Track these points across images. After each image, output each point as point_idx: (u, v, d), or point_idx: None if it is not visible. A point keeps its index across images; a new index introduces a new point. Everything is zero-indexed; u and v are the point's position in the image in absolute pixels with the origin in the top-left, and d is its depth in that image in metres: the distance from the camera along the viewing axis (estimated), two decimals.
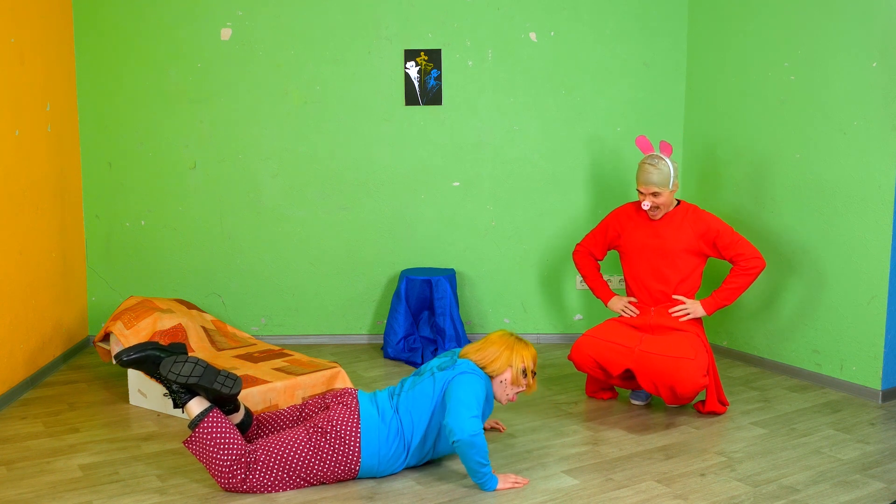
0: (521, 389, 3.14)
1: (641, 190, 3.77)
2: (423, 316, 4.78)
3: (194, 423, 2.84)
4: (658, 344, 3.63)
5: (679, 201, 3.89)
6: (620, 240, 3.98)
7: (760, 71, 4.43)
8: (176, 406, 2.90)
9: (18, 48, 3.98)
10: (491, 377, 3.09)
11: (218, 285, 5.01)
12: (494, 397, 3.13)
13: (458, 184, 4.97)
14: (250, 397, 3.54)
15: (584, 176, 4.97)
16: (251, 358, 4.08)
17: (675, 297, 3.82)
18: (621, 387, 3.90)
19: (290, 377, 3.73)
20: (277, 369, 3.86)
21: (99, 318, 4.98)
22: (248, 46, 4.84)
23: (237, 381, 2.92)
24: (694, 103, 4.89)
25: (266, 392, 3.60)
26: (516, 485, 2.94)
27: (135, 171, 4.91)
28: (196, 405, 2.89)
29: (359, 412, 2.95)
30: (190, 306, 4.52)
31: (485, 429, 3.51)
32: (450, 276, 4.73)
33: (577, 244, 4.17)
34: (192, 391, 2.90)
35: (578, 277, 5.04)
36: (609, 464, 3.17)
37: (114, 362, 2.98)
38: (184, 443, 2.88)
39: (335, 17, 4.84)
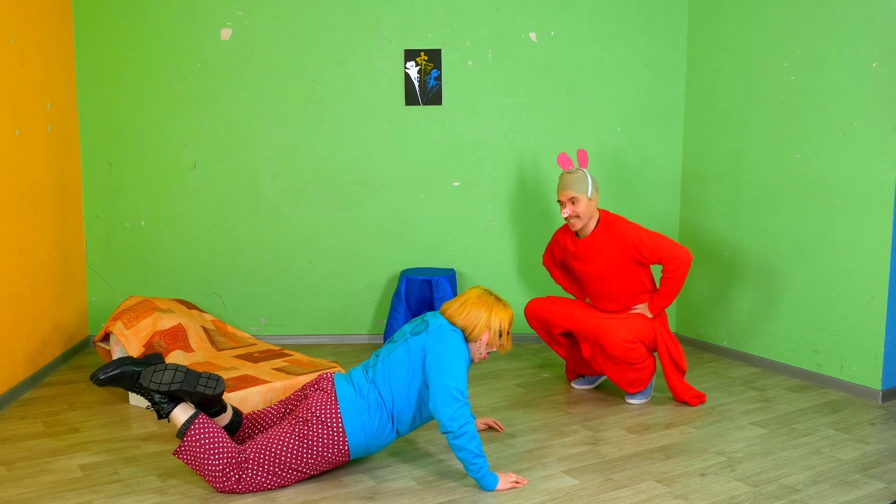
0: (494, 349, 3.11)
1: (560, 199, 3.80)
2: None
3: (182, 432, 2.83)
4: (600, 313, 3.94)
5: (600, 216, 3.87)
6: (564, 263, 4.13)
7: (760, 71, 4.43)
8: (160, 417, 2.87)
9: (18, 48, 3.98)
10: (468, 339, 3.05)
11: (218, 285, 5.01)
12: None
13: (458, 184, 4.97)
14: (250, 397, 3.54)
15: None
16: (251, 358, 4.08)
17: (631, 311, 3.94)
18: (576, 370, 4.17)
19: (290, 377, 3.73)
20: (277, 369, 3.86)
21: (99, 318, 4.98)
22: (248, 46, 4.84)
23: (220, 381, 2.90)
24: (694, 103, 4.89)
25: (266, 392, 3.60)
26: (517, 485, 2.94)
27: (135, 171, 4.91)
28: (181, 413, 2.86)
29: (336, 394, 2.94)
30: (190, 306, 4.52)
31: (480, 430, 3.51)
32: (450, 276, 4.73)
33: (543, 254, 4.29)
34: (175, 399, 2.88)
35: None
36: (609, 464, 3.17)
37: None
38: (174, 453, 2.86)
39: (335, 17, 4.84)
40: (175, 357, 3.98)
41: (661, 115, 4.96)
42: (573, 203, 3.78)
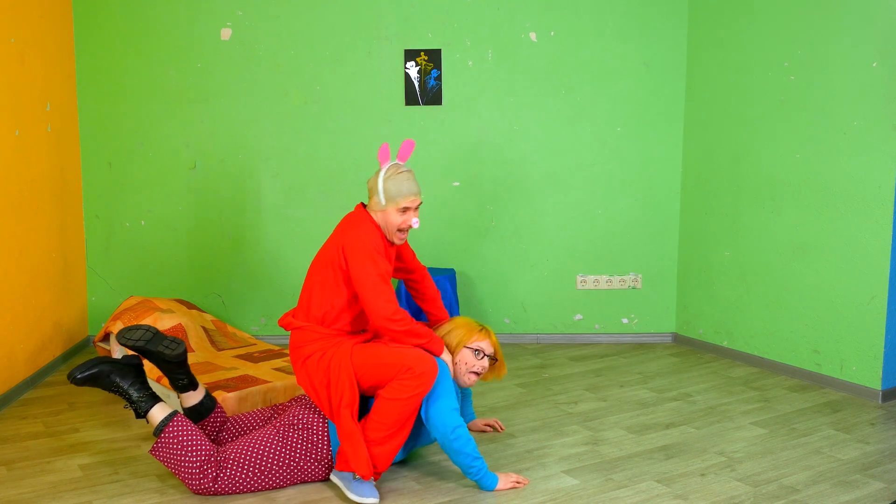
0: (476, 371, 3.06)
1: (409, 205, 3.00)
2: (423, 316, 4.78)
3: (158, 430, 2.82)
4: None
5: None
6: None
7: (760, 71, 4.43)
8: (138, 416, 2.87)
9: (18, 48, 3.98)
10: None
11: (218, 285, 5.00)
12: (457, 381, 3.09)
13: (457, 184, 4.97)
14: (250, 397, 3.54)
15: (584, 176, 4.97)
16: (251, 358, 4.08)
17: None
18: None
19: (290, 377, 3.73)
20: (277, 369, 3.86)
21: (99, 318, 4.98)
22: (248, 46, 4.84)
23: (180, 344, 2.99)
24: (694, 103, 4.89)
25: (266, 392, 3.60)
26: (518, 485, 2.94)
27: (135, 171, 4.91)
28: (158, 412, 2.85)
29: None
30: (190, 306, 4.52)
31: (483, 429, 3.51)
32: (450, 276, 4.73)
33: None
34: (153, 398, 2.87)
35: (579, 277, 5.04)
36: (609, 464, 3.17)
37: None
38: (150, 451, 2.84)
39: (335, 17, 4.84)
40: None
41: (661, 115, 4.96)
42: (417, 210, 3.07)
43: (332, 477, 2.90)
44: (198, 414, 3.04)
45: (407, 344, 2.90)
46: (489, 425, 3.51)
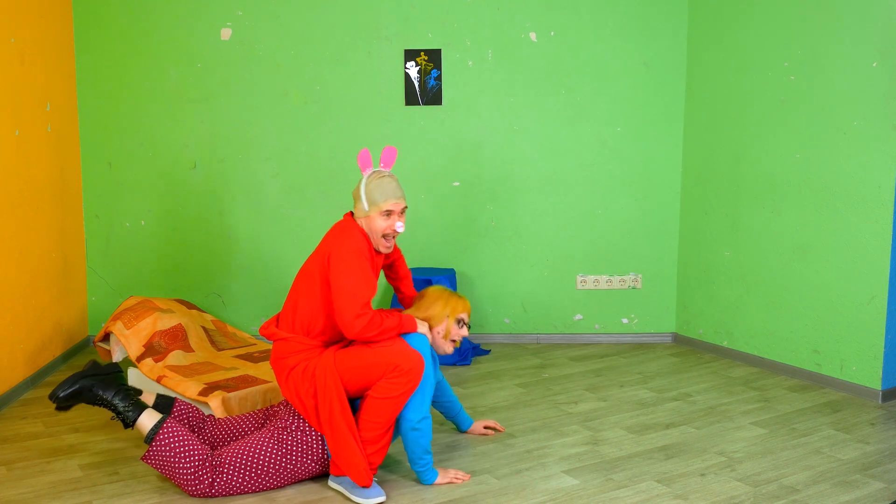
0: (456, 339, 3.12)
1: (392, 208, 3.00)
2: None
3: (150, 437, 2.81)
4: None
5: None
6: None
7: (760, 71, 4.43)
8: (126, 426, 2.87)
9: (18, 48, 3.98)
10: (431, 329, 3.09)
11: (218, 285, 5.01)
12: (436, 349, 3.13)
13: (458, 184, 4.97)
14: (250, 397, 3.54)
15: (584, 176, 4.97)
16: (251, 358, 4.08)
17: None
18: None
19: None
20: None
21: (99, 318, 4.98)
22: (248, 46, 4.84)
23: (112, 366, 2.99)
24: (694, 103, 4.89)
25: (266, 392, 3.60)
26: (456, 480, 2.96)
27: (135, 171, 4.91)
28: (147, 419, 2.85)
29: None
30: (190, 306, 4.52)
31: (484, 433, 3.50)
32: (450, 276, 4.73)
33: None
34: (139, 406, 2.87)
35: (579, 277, 5.04)
36: (609, 464, 3.17)
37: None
38: (142, 459, 2.83)
39: (335, 17, 4.84)
40: (175, 357, 3.97)
41: (661, 115, 4.96)
42: (402, 214, 3.05)
43: (331, 483, 2.91)
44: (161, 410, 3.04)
45: (384, 339, 2.88)
46: (489, 427, 3.51)
